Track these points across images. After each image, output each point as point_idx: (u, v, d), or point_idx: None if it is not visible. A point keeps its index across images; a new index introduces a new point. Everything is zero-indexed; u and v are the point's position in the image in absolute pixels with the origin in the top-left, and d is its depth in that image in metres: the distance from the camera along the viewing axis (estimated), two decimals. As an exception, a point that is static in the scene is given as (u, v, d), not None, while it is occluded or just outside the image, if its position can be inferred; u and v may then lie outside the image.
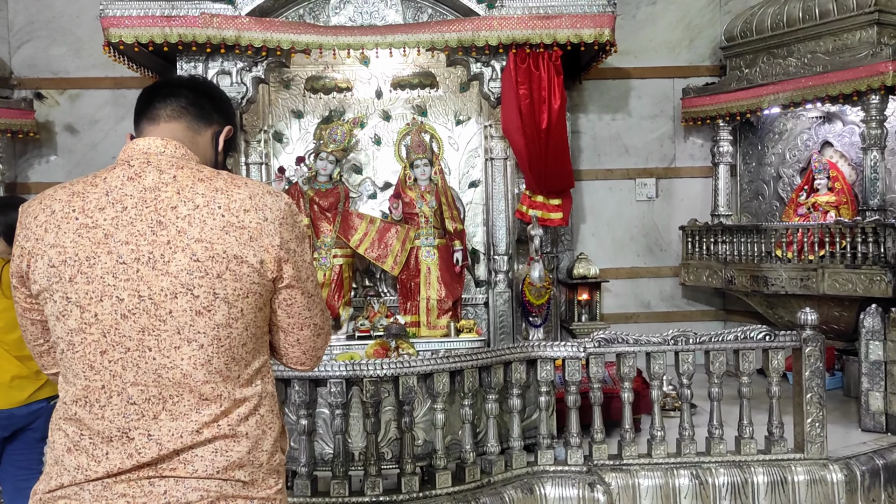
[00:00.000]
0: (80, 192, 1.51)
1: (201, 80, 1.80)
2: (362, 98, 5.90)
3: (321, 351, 1.74)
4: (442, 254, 5.26)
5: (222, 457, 1.48)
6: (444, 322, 5.17)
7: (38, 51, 5.87)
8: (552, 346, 3.60)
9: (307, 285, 1.63)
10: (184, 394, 1.47)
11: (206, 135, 1.68)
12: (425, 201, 5.26)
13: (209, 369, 1.47)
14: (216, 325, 1.47)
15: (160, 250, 1.46)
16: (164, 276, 1.45)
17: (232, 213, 1.49)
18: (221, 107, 1.75)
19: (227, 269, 1.47)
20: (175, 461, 1.46)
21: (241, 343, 1.51)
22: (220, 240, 1.47)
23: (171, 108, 1.64)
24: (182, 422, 1.46)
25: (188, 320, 1.46)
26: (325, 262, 5.19)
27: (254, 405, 1.54)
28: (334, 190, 5.26)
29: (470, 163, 5.97)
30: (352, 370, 3.18)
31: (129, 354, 1.45)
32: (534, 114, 4.79)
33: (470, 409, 3.44)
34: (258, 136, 5.75)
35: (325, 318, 1.73)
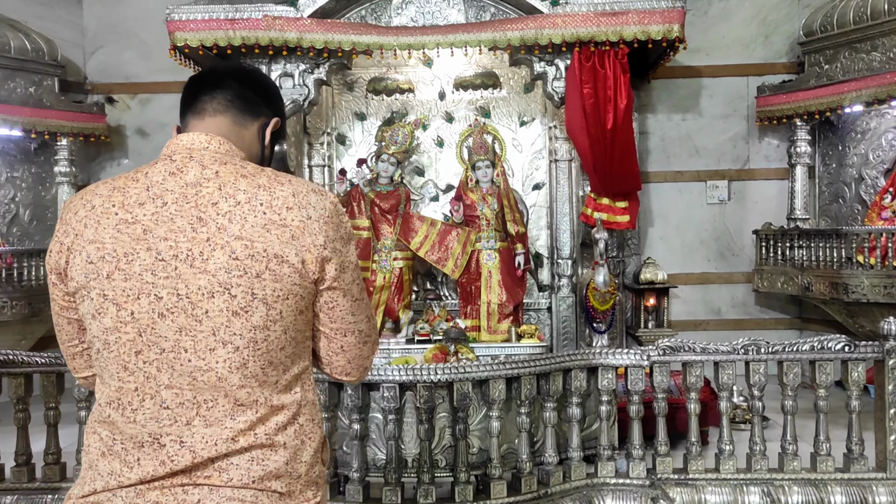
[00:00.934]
0: (121, 187, 1.46)
1: (249, 70, 1.72)
2: (425, 100, 5.86)
3: (368, 361, 1.63)
4: (503, 257, 5.17)
5: (259, 466, 1.42)
6: (505, 327, 5.07)
7: (111, 56, 6.03)
8: (614, 354, 3.46)
9: (352, 288, 1.54)
10: (219, 398, 1.41)
11: (252, 128, 1.61)
12: (487, 204, 5.17)
13: (245, 373, 1.41)
14: (253, 326, 1.40)
15: (199, 247, 1.40)
16: (202, 275, 1.39)
17: (274, 210, 1.43)
18: (269, 98, 1.68)
19: (267, 269, 1.41)
20: (210, 469, 1.40)
21: (279, 347, 1.44)
22: (260, 238, 1.40)
23: (217, 102, 1.57)
24: (217, 428, 1.40)
25: (224, 321, 1.39)
26: (384, 265, 5.15)
27: (293, 413, 1.48)
28: (395, 192, 5.22)
29: (534, 165, 5.86)
30: (405, 375, 3.12)
31: (165, 356, 1.40)
32: (598, 114, 4.65)
33: (527, 418, 3.33)
34: (321, 138, 5.78)
35: (372, 326, 1.62)
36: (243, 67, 1.72)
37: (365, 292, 1.60)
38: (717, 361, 3.51)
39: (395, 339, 5.12)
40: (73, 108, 5.40)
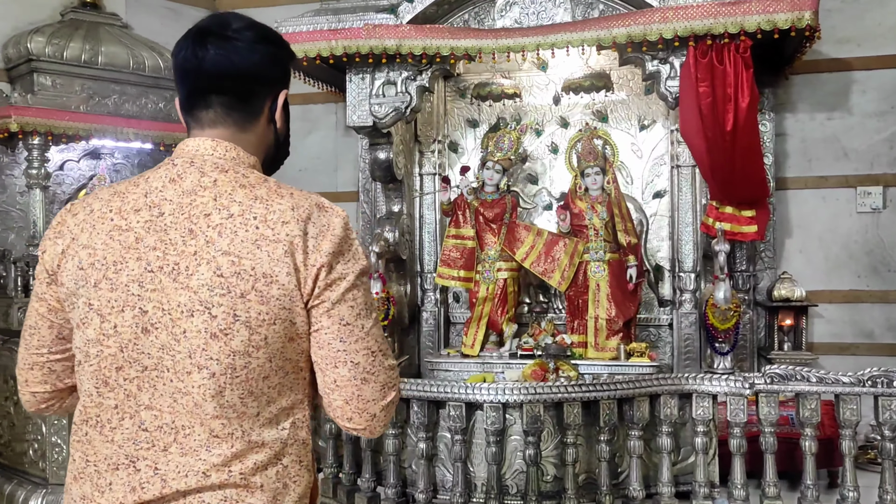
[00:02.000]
0: (122, 191, 1.39)
1: (238, 56, 1.43)
2: (539, 104, 5.65)
3: (377, 408, 1.38)
4: (613, 269, 4.85)
5: None
6: (614, 344, 4.75)
7: (239, 71, 6.26)
8: (710, 380, 3.10)
9: (340, 309, 1.35)
10: (195, 426, 1.29)
11: (258, 125, 1.47)
12: (596, 212, 4.87)
13: (220, 402, 1.28)
14: (232, 351, 1.28)
15: (186, 261, 1.29)
16: (184, 291, 1.28)
17: (268, 224, 1.31)
18: (269, 79, 1.48)
19: (253, 289, 1.28)
20: (185, 501, 1.29)
21: (261, 376, 1.30)
22: (249, 254, 1.29)
23: (214, 112, 1.43)
24: (191, 458, 1.29)
25: (202, 343, 1.28)
26: (488, 276, 4.99)
27: (275, 452, 1.33)
28: (501, 200, 5.04)
29: (655, 171, 5.48)
30: (469, 394, 2.94)
31: (147, 374, 1.30)
32: (716, 114, 4.24)
33: (607, 446, 3.05)
34: (432, 146, 5.71)
35: (378, 364, 1.38)
36: (237, 51, 1.43)
37: (365, 321, 1.38)
38: (837, 394, 3.06)
39: (497, 353, 4.94)
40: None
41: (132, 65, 5.32)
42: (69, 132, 4.80)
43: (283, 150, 1.60)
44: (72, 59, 5.01)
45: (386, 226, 5.27)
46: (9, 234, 5.07)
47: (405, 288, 5.50)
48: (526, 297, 5.49)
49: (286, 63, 1.54)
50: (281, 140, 1.56)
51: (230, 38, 1.44)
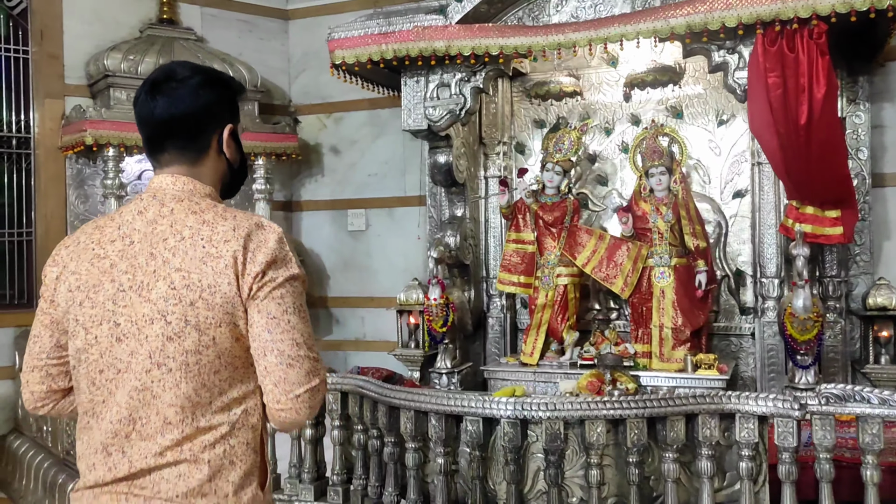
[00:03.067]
0: (101, 226, 1.67)
1: (181, 102, 1.65)
2: (608, 102, 5.41)
3: (300, 389, 1.56)
4: (680, 275, 4.54)
5: (183, 482, 1.53)
6: (680, 354, 4.45)
7: (311, 79, 6.36)
8: (754, 399, 2.81)
9: (270, 306, 1.57)
10: (151, 416, 1.54)
11: (209, 158, 1.70)
12: (660, 215, 4.58)
13: (177, 393, 1.53)
14: (185, 350, 1.53)
15: (147, 279, 1.56)
16: (147, 303, 1.55)
17: (212, 244, 1.56)
18: (211, 118, 1.70)
19: (200, 298, 1.53)
20: (145, 479, 1.54)
21: (212, 370, 1.55)
22: (197, 269, 1.54)
23: (167, 156, 1.68)
24: (149, 443, 1.53)
25: (160, 345, 1.53)
26: (547, 282, 4.79)
27: (222, 434, 1.56)
28: (561, 203, 4.84)
29: (735, 169, 5.12)
30: (485, 408, 2.79)
31: (120, 375, 1.56)
32: (787, 107, 3.88)
33: (636, 469, 2.82)
34: (497, 148, 5.58)
35: (303, 355, 1.58)
36: (176, 92, 1.65)
37: (294, 317, 1.59)
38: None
39: (557, 363, 4.73)
40: (268, 130, 5.76)
41: (202, 77, 5.46)
42: (140, 144, 4.97)
43: (240, 175, 1.81)
44: (146, 74, 5.14)
45: (447, 230, 5.17)
46: (89, 242, 5.32)
47: (469, 294, 5.38)
48: (596, 304, 5.26)
49: (229, 101, 1.75)
50: (235, 167, 1.77)
51: (175, 88, 1.66)
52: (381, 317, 6.09)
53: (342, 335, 6.34)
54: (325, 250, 6.33)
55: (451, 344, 5.08)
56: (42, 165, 5.18)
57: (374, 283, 6.16)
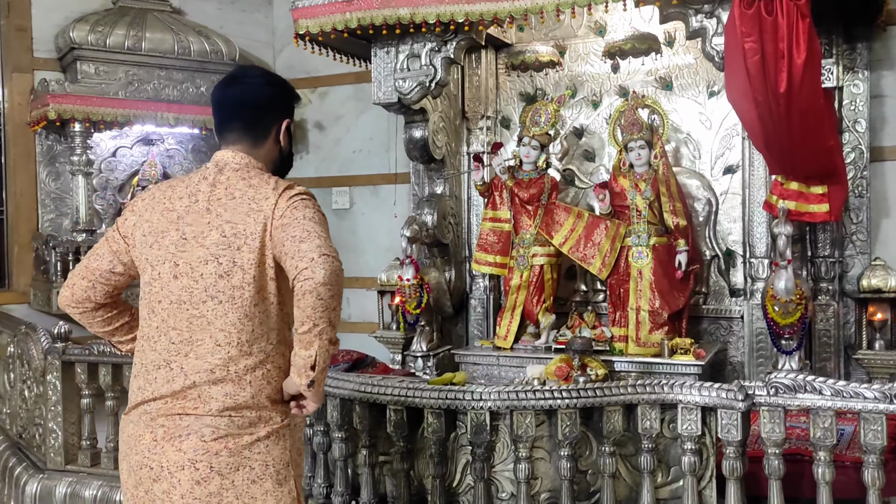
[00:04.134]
0: (173, 185, 2.08)
1: (251, 93, 2.11)
2: (595, 73, 5.16)
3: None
4: (658, 255, 4.31)
5: (231, 399, 1.88)
6: (658, 338, 4.23)
7: (295, 52, 6.15)
8: (697, 389, 2.59)
9: (284, 219, 1.93)
10: (205, 339, 1.90)
11: (267, 143, 2.10)
12: (639, 191, 4.34)
13: (226, 321, 1.90)
14: (233, 286, 1.90)
15: (203, 229, 1.95)
16: (201, 248, 1.93)
17: (255, 201, 1.94)
18: (276, 109, 2.12)
19: (245, 244, 1.91)
20: (195, 392, 1.88)
21: (252, 303, 1.92)
22: (242, 221, 1.93)
23: (234, 134, 2.08)
24: (202, 361, 1.89)
25: (213, 281, 1.91)
26: (522, 262, 4.59)
27: (260, 360, 1.93)
28: (539, 180, 4.62)
29: (726, 143, 4.86)
30: (406, 395, 2.62)
31: (173, 306, 1.94)
32: (766, 74, 3.59)
33: (568, 463, 2.63)
34: (480, 122, 5.36)
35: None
36: (246, 91, 2.11)
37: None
38: (858, 411, 2.48)
39: (532, 347, 4.54)
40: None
41: (177, 50, 5.35)
42: (107, 118, 4.88)
43: (287, 163, 2.22)
44: (114, 47, 5.10)
45: (425, 208, 4.99)
46: (62, 220, 5.25)
47: (449, 274, 5.21)
48: (582, 285, 5.05)
49: (288, 100, 2.19)
50: (285, 155, 2.18)
51: (247, 82, 2.14)
52: (367, 297, 5.95)
53: (327, 315, 6.20)
54: (310, 229, 6.18)
55: (427, 326, 4.92)
56: (11, 142, 5.10)
57: (358, 262, 6.01)
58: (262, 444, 1.89)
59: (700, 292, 4.81)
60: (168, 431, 1.86)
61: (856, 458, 2.87)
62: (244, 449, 1.86)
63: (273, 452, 1.91)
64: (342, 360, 4.79)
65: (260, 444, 1.88)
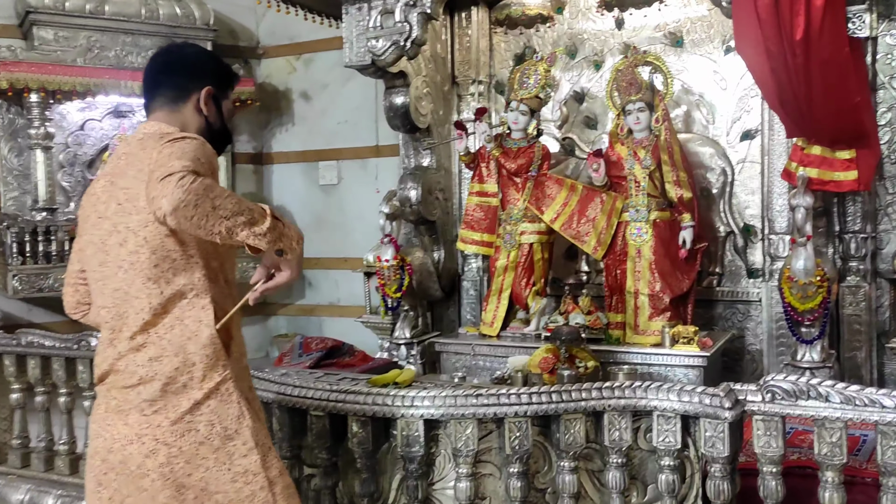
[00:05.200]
0: (102, 169, 2.09)
1: (172, 59, 2.05)
2: (598, 30, 4.65)
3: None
4: (659, 232, 3.82)
5: (157, 364, 1.81)
6: (658, 326, 3.75)
7: (279, 17, 5.74)
8: (675, 393, 2.13)
9: None
10: (129, 310, 1.84)
11: (186, 109, 1.98)
12: (638, 160, 3.85)
13: (136, 287, 1.83)
14: (129, 251, 1.83)
15: (109, 203, 1.88)
16: (108, 222, 1.87)
17: (143, 161, 1.80)
18: (196, 75, 2.00)
19: (134, 207, 1.82)
20: (123, 363, 1.83)
21: (152, 264, 1.82)
22: (133, 186, 1.82)
23: (154, 104, 2.00)
24: (126, 332, 1.84)
25: (116, 252, 1.85)
26: (510, 240, 4.13)
27: (177, 317, 1.84)
28: (528, 149, 4.14)
29: (743, 105, 4.33)
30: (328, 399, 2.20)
31: (100, 284, 1.91)
32: (780, 19, 3.07)
33: (519, 482, 2.19)
34: (471, 88, 4.89)
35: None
36: (171, 55, 2.06)
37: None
38: (875, 422, 1.99)
39: (521, 334, 4.10)
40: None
41: (144, 13, 4.97)
42: (65, 88, 4.52)
43: (219, 137, 2.03)
44: (74, 10, 4.73)
45: (408, 182, 4.54)
46: (26, 198, 4.94)
47: (438, 254, 4.77)
48: (584, 265, 4.57)
49: (214, 69, 2.04)
50: (216, 129, 2.02)
51: (172, 51, 2.09)
52: (356, 279, 5.54)
53: (315, 299, 5.83)
54: (297, 206, 5.80)
55: (410, 311, 4.51)
56: (-30, 117, 4.79)
57: (347, 242, 5.60)
58: (203, 405, 1.82)
59: (714, 273, 4.31)
60: (117, 405, 1.84)
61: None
62: (185, 414, 1.80)
63: (218, 411, 1.83)
64: (315, 349, 4.41)
65: (201, 406, 1.81)
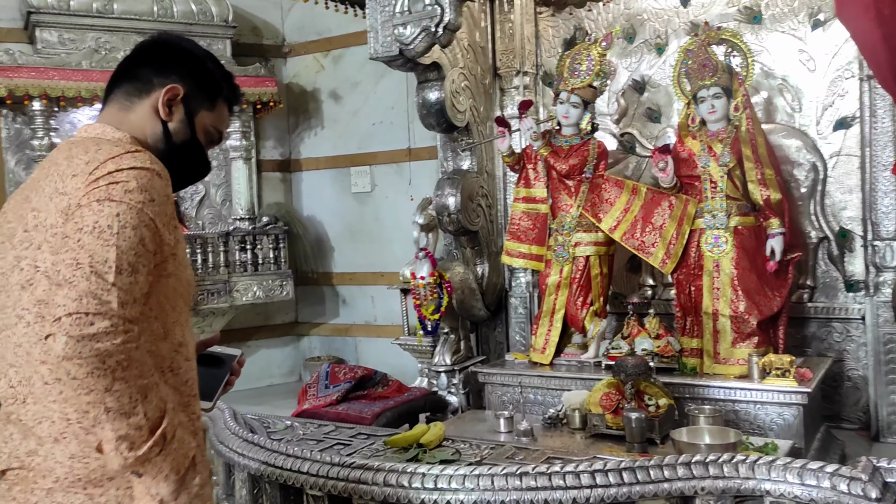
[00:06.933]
0: None
1: (156, 42, 1.56)
2: (661, 9, 4.08)
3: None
4: (742, 241, 3.22)
5: (80, 464, 1.31)
6: (744, 354, 3.14)
7: (305, 11, 5.30)
8: (794, 472, 1.55)
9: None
10: (33, 376, 1.33)
11: (141, 109, 1.49)
12: (714, 155, 3.25)
13: (43, 348, 1.25)
14: (37, 300, 1.32)
15: (15, 224, 1.39)
16: (12, 250, 1.38)
17: (62, 178, 1.34)
18: (164, 65, 1.51)
19: (45, 240, 1.33)
20: (37, 459, 1.32)
21: None
22: (45, 207, 1.34)
23: (111, 97, 1.51)
24: (38, 406, 1.33)
25: (17, 295, 1.36)
26: (562, 253, 3.56)
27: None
28: (581, 147, 3.57)
29: (836, 89, 3.71)
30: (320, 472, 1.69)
31: (1, 334, 1.38)
32: (896, -25, 2.46)
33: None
34: (515, 80, 4.35)
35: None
36: (148, 43, 1.56)
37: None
38: None
39: (578, 362, 3.53)
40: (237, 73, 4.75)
41: (157, 11, 4.57)
42: (69, 94, 4.12)
43: (183, 160, 1.53)
44: (79, 9, 4.35)
45: (445, 188, 4.01)
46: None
47: (482, 268, 4.23)
48: (649, 278, 3.99)
49: (186, 61, 1.53)
50: (176, 143, 1.51)
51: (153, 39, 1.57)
52: (394, 296, 5.03)
53: (350, 318, 5.34)
54: (327, 217, 5.33)
55: (451, 334, 3.99)
56: (-26, 126, 4.44)
57: (384, 255, 5.10)
58: None
59: (804, 286, 3.69)
60: None
61: None
62: None
63: None
64: (343, 380, 3.90)
65: None
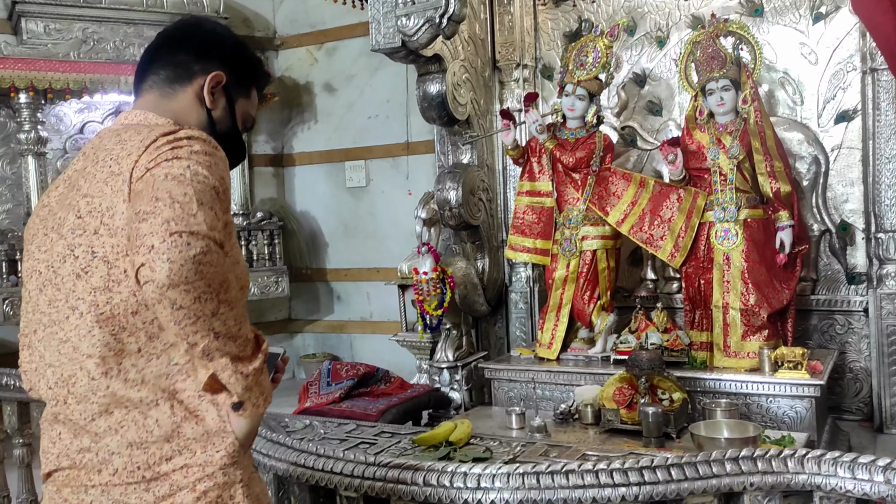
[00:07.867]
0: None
1: (175, 31, 1.48)
2: (661, 1, 4.04)
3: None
4: (752, 234, 3.21)
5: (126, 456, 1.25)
6: (755, 347, 3.13)
7: (298, 3, 5.24)
8: (846, 466, 1.52)
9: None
10: (77, 372, 1.26)
11: (184, 96, 1.44)
12: (723, 148, 3.23)
13: (92, 341, 1.24)
14: (93, 288, 1.25)
15: (63, 213, 1.31)
16: (61, 240, 1.30)
17: (116, 160, 1.27)
18: (206, 51, 1.46)
19: (102, 224, 1.25)
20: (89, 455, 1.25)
21: (129, 311, 1.24)
22: (99, 192, 1.27)
23: (150, 80, 1.45)
24: (84, 405, 1.26)
25: (71, 285, 1.27)
26: (569, 247, 3.53)
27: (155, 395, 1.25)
28: (588, 140, 3.54)
29: (838, 81, 3.71)
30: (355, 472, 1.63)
31: (45, 331, 1.31)
32: (915, -38, 2.45)
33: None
34: (515, 73, 4.31)
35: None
36: (183, 28, 1.49)
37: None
38: None
39: (585, 357, 3.50)
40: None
41: (146, 2, 4.46)
42: (56, 85, 4.01)
43: (230, 142, 1.47)
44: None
45: (446, 182, 3.96)
46: (20, 210, 4.45)
47: (483, 263, 4.19)
48: (650, 272, 3.97)
49: (230, 56, 1.49)
50: (219, 130, 1.47)
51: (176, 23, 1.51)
52: (390, 292, 4.98)
53: (345, 315, 5.27)
54: (321, 212, 5.26)
55: (453, 330, 3.94)
56: (-43, 120, 4.32)
57: (379, 250, 5.04)
58: None
59: (807, 279, 3.69)
60: None
61: None
62: None
63: None
64: (346, 377, 3.84)
65: None
